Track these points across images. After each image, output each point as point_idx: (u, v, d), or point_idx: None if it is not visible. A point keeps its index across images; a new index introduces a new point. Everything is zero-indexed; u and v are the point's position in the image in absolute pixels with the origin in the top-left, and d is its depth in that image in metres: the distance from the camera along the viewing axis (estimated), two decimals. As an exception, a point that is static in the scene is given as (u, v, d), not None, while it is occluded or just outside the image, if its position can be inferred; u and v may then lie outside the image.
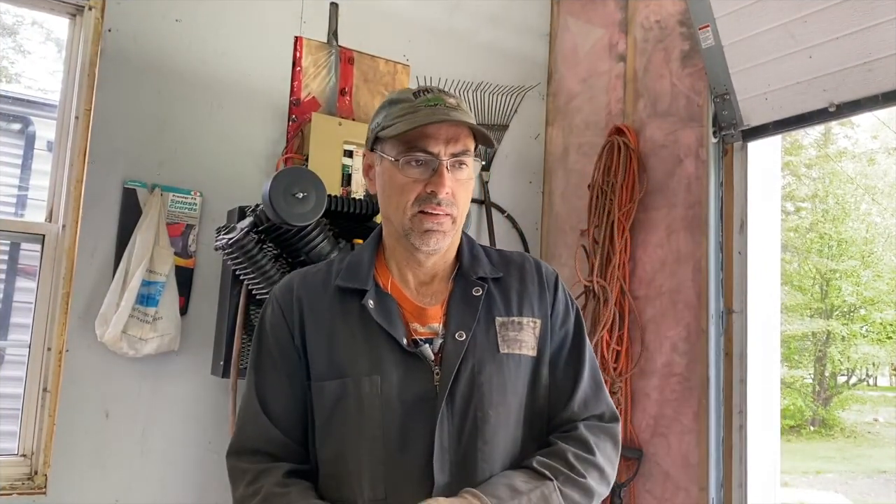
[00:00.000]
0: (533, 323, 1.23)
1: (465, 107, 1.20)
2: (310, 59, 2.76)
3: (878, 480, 10.46)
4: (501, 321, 1.22)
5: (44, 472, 2.23)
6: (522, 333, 1.22)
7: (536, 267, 1.30)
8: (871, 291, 13.31)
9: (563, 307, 1.29)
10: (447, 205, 1.16)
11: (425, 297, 1.23)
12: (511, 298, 1.25)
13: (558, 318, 1.28)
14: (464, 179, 1.19)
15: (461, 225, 1.23)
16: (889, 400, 15.16)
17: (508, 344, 1.20)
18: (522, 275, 1.28)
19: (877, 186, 13.76)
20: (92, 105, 2.35)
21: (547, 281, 1.29)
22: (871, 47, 2.12)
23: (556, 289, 1.29)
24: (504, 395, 1.18)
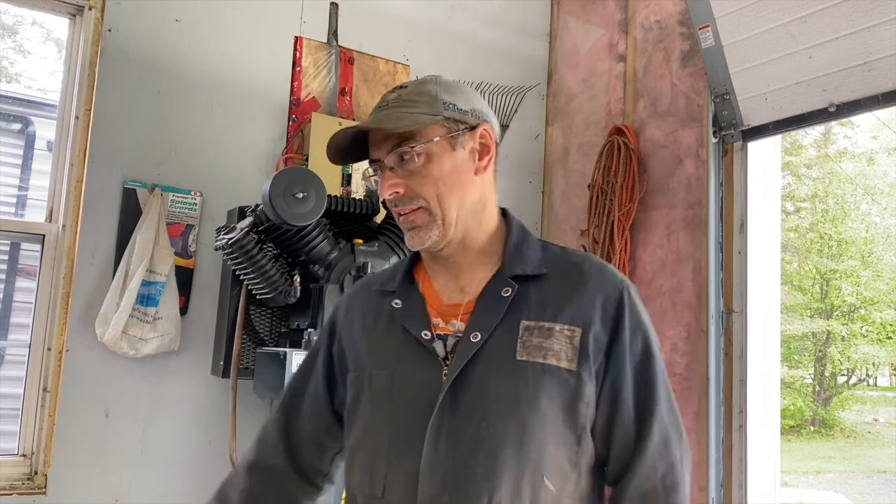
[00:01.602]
0: (570, 331, 1.08)
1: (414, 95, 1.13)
2: (310, 59, 2.76)
3: (877, 480, 10.46)
4: (527, 325, 1.09)
5: (44, 472, 2.23)
6: (551, 341, 1.07)
7: (598, 270, 1.14)
8: (871, 291, 13.32)
9: (630, 330, 1.10)
10: (405, 203, 1.12)
11: (452, 292, 1.17)
12: (548, 301, 1.11)
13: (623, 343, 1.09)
14: (415, 169, 1.10)
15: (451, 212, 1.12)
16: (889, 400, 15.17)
17: (529, 351, 1.07)
18: (575, 276, 1.13)
19: (877, 186, 13.76)
20: (92, 105, 2.35)
21: (607, 288, 1.11)
22: (871, 47, 2.12)
23: (621, 305, 1.11)
24: (516, 408, 1.05)
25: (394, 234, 2.32)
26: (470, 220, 1.15)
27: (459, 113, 1.14)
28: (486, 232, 1.17)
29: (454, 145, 1.13)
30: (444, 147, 1.12)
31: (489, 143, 1.15)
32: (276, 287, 2.13)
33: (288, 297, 2.14)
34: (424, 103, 1.12)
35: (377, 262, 2.22)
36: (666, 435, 1.09)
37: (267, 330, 2.35)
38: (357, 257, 2.21)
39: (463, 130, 1.14)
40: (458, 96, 1.15)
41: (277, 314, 2.37)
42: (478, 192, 1.16)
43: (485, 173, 1.16)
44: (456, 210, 1.13)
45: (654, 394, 1.09)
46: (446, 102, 1.13)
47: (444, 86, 1.16)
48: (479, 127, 1.15)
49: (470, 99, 1.17)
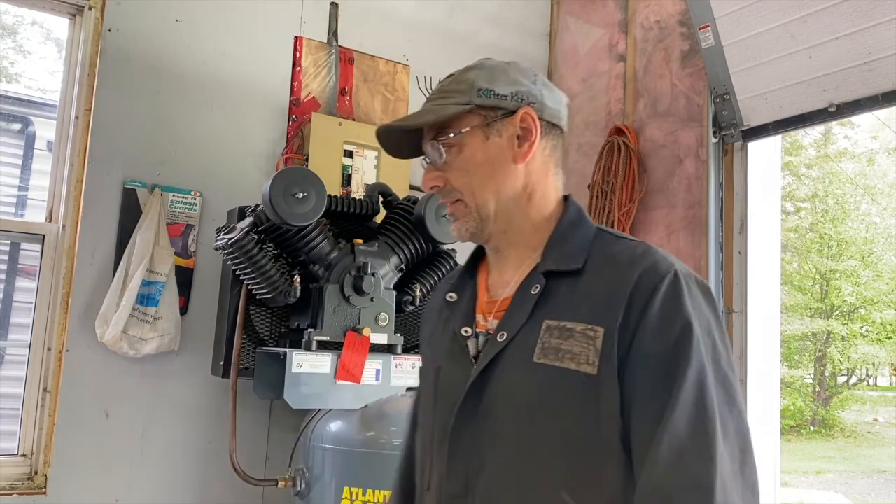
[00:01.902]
0: (592, 331, 0.96)
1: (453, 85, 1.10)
2: (310, 59, 2.76)
3: (878, 480, 10.46)
4: (549, 325, 1.00)
5: (44, 472, 2.23)
6: (571, 342, 0.97)
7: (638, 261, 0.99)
8: (871, 291, 13.33)
9: (659, 318, 0.94)
10: (444, 195, 1.10)
11: (497, 288, 1.11)
12: (575, 298, 1.01)
13: (646, 333, 0.94)
14: (452, 160, 1.08)
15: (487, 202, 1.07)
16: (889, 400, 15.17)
17: (546, 353, 0.99)
18: (611, 270, 1.00)
19: (877, 186, 13.77)
20: (92, 105, 2.35)
21: (641, 281, 0.96)
22: (871, 47, 2.12)
23: (654, 293, 0.95)
24: (529, 413, 0.99)
25: (394, 234, 2.32)
26: (513, 211, 1.08)
27: (496, 98, 1.07)
28: (535, 223, 1.09)
29: (488, 134, 1.07)
30: (475, 136, 1.07)
31: (531, 126, 1.07)
32: (276, 287, 2.13)
33: (288, 297, 2.14)
34: (460, 92, 1.08)
35: (377, 262, 2.22)
36: (680, 447, 0.89)
37: (267, 330, 2.35)
38: (357, 257, 2.21)
39: (500, 117, 1.07)
40: (498, 80, 1.09)
41: (277, 314, 2.37)
42: (519, 180, 1.08)
43: (528, 160, 1.08)
44: (493, 201, 1.07)
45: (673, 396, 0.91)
46: (482, 89, 1.07)
47: (486, 70, 1.10)
48: (520, 111, 1.07)
49: (515, 81, 1.09)
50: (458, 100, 1.08)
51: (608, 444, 0.94)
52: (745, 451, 0.92)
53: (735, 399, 0.94)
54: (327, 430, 2.10)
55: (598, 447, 0.95)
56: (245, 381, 2.30)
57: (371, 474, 1.98)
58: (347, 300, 2.15)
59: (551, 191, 1.11)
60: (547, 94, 1.10)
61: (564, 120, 1.12)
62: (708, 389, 0.92)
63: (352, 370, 2.07)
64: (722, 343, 0.97)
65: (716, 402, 0.91)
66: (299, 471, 2.15)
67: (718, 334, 0.97)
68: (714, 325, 0.97)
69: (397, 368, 2.16)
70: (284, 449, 2.49)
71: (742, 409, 0.95)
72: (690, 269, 1.02)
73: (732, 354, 0.99)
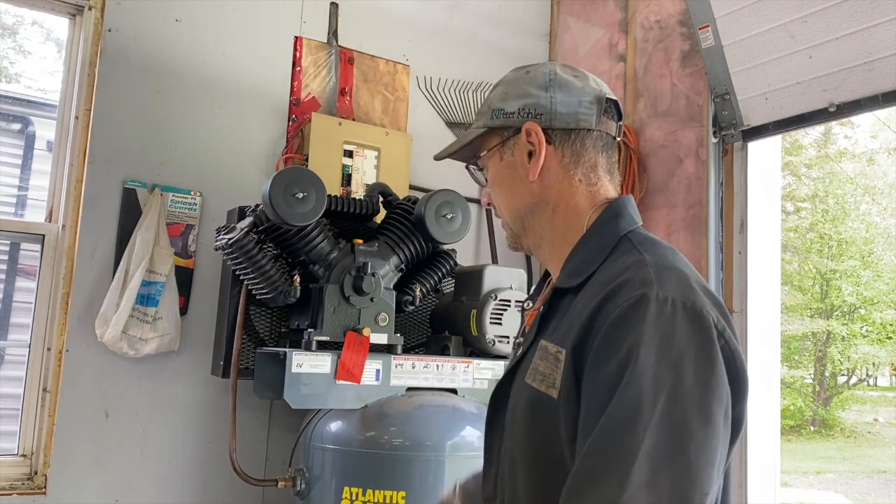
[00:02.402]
0: (560, 354, 0.92)
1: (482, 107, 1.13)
2: (310, 59, 2.76)
3: (878, 480, 10.46)
4: (541, 345, 0.98)
5: (44, 472, 2.23)
6: (545, 364, 0.95)
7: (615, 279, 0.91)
8: (871, 291, 13.33)
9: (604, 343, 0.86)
10: (496, 214, 1.16)
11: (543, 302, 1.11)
12: (562, 319, 0.98)
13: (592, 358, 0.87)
14: (491, 182, 1.13)
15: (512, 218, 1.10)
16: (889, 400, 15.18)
17: (532, 374, 0.97)
18: (594, 289, 0.95)
19: (877, 186, 13.77)
20: (92, 105, 2.35)
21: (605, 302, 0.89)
22: (871, 47, 2.12)
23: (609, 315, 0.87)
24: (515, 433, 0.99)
25: (394, 234, 2.32)
26: (540, 226, 1.07)
27: (504, 118, 1.07)
28: (566, 235, 1.05)
29: (502, 154, 1.09)
30: (492, 158, 1.10)
31: (535, 141, 1.04)
32: (276, 287, 2.13)
33: (288, 297, 2.14)
34: (482, 115, 1.12)
35: (377, 262, 2.22)
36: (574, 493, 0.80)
37: (267, 330, 2.35)
38: (357, 257, 2.21)
39: (510, 135, 1.07)
40: (510, 97, 1.07)
41: (277, 314, 2.37)
42: (535, 196, 1.06)
43: (544, 174, 1.05)
44: (516, 219, 1.10)
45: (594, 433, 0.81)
46: (495, 110, 1.08)
47: (503, 87, 1.10)
48: (523, 127, 1.05)
49: (525, 94, 1.06)
50: (477, 124, 1.12)
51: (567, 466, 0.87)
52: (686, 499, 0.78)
53: (686, 448, 0.79)
54: (327, 430, 2.10)
55: (559, 471, 0.89)
56: (245, 381, 2.30)
57: (371, 474, 1.98)
58: (347, 300, 2.15)
59: (580, 198, 1.05)
60: (560, 100, 1.05)
61: (591, 119, 1.05)
62: (635, 426, 0.79)
63: (352, 370, 2.07)
64: (699, 383, 0.82)
65: (647, 445, 0.78)
66: (299, 471, 2.15)
67: (695, 372, 0.82)
68: (689, 359, 0.83)
69: (397, 368, 2.16)
70: (284, 449, 2.49)
71: (694, 462, 0.79)
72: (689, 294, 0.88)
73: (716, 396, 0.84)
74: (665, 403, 0.80)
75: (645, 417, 0.79)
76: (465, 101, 3.11)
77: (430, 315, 2.57)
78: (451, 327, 2.40)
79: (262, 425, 2.57)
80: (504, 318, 2.29)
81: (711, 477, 0.81)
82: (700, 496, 0.79)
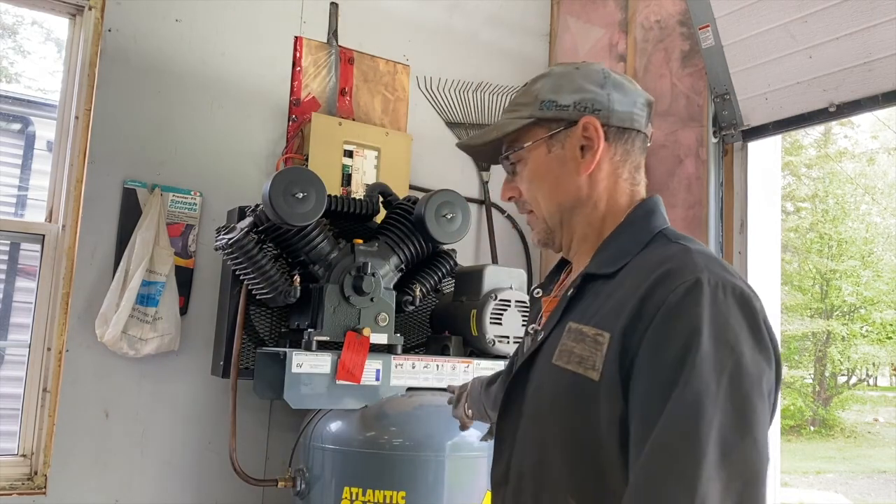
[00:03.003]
0: (601, 336, 0.93)
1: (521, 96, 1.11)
2: (310, 59, 2.76)
3: (878, 480, 10.46)
4: (570, 327, 0.99)
5: (44, 472, 2.23)
6: (581, 346, 0.95)
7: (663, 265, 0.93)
8: (871, 291, 13.33)
9: (664, 326, 0.87)
10: (520, 206, 1.15)
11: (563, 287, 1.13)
12: (597, 303, 0.98)
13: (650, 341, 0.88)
14: (521, 173, 1.11)
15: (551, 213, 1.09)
16: (889, 400, 15.18)
17: (562, 355, 0.98)
18: (636, 274, 0.96)
19: (877, 186, 13.77)
20: (92, 105, 2.35)
21: (655, 286, 0.90)
22: (871, 47, 2.12)
23: (665, 299, 0.88)
24: (543, 415, 0.99)
25: (394, 234, 2.32)
26: (579, 221, 1.08)
27: (557, 110, 1.06)
28: (600, 230, 1.08)
29: (550, 147, 1.07)
30: (539, 150, 1.08)
31: (594, 136, 1.05)
32: (276, 287, 2.13)
33: (288, 297, 2.14)
34: (525, 105, 1.09)
35: (377, 262, 2.22)
36: (658, 470, 0.81)
37: (267, 330, 2.35)
38: (357, 257, 2.21)
39: (563, 128, 1.06)
40: (563, 89, 1.07)
41: (277, 314, 2.37)
42: (583, 191, 1.06)
43: (595, 170, 1.06)
44: (557, 213, 1.09)
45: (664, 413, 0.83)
46: (545, 101, 1.07)
47: (552, 79, 1.09)
48: (581, 121, 1.05)
49: (580, 88, 1.06)
50: (522, 113, 1.09)
51: (609, 452, 0.90)
52: (749, 485, 0.81)
53: (750, 425, 0.83)
54: (327, 430, 2.10)
55: (600, 454, 0.91)
56: (245, 381, 2.30)
57: (371, 474, 1.98)
58: (347, 300, 2.15)
59: (622, 196, 1.09)
60: (616, 98, 1.07)
61: (641, 121, 1.10)
62: (704, 409, 0.81)
63: (352, 370, 2.07)
64: (755, 363, 0.86)
65: (716, 425, 0.81)
66: (299, 471, 2.15)
67: (751, 352, 0.86)
68: (745, 341, 0.86)
69: (397, 368, 2.16)
70: (284, 449, 2.49)
71: (759, 439, 0.83)
72: (733, 279, 0.92)
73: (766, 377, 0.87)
74: (727, 384, 0.83)
75: (711, 399, 0.82)
76: (465, 101, 3.11)
77: (430, 315, 2.57)
78: (451, 327, 2.40)
79: (262, 425, 2.57)
80: (504, 318, 2.29)
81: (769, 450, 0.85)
82: (766, 469, 0.83)
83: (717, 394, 0.82)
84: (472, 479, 2.03)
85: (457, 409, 1.64)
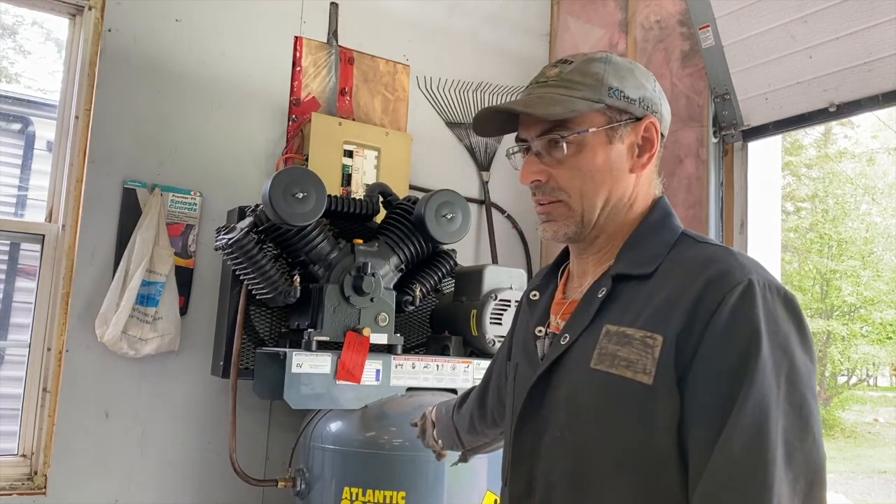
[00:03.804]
0: (651, 339, 0.90)
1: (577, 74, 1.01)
2: (310, 59, 2.76)
3: (878, 480, 10.46)
4: (608, 329, 0.96)
5: (44, 472, 2.23)
6: (628, 350, 0.92)
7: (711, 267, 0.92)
8: (871, 291, 13.32)
9: (724, 330, 0.87)
10: (544, 192, 1.02)
11: (573, 290, 1.08)
12: (638, 304, 0.95)
13: (710, 345, 0.87)
14: (564, 159, 1.00)
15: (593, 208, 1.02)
16: (889, 400, 15.17)
17: (604, 359, 0.94)
18: (679, 275, 0.94)
19: (877, 186, 13.76)
20: (92, 105, 2.35)
21: (708, 289, 0.89)
22: (871, 47, 2.12)
23: (722, 302, 0.88)
24: (583, 421, 0.95)
25: (394, 234, 2.32)
26: (613, 219, 1.04)
27: (625, 102, 1.00)
28: (624, 228, 1.05)
29: (612, 138, 1.01)
30: (600, 139, 1.00)
31: (654, 138, 1.03)
32: (275, 287, 2.13)
33: (288, 297, 2.14)
34: (587, 86, 1.00)
35: (377, 262, 2.22)
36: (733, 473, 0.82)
37: (267, 330, 2.35)
38: (357, 257, 2.21)
39: (626, 122, 1.01)
40: (628, 81, 1.02)
41: (277, 314, 2.37)
42: (628, 190, 1.04)
43: (643, 171, 1.04)
44: (600, 209, 1.02)
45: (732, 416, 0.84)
46: (612, 88, 1.00)
47: (614, 67, 1.02)
48: (645, 119, 1.02)
49: (642, 84, 1.03)
50: (586, 94, 0.99)
51: (664, 455, 0.89)
52: (814, 485, 0.85)
53: (810, 425, 0.85)
54: (327, 431, 2.10)
55: (654, 459, 0.89)
56: (245, 381, 2.30)
57: (371, 474, 1.98)
58: (347, 300, 2.15)
59: (649, 200, 1.07)
60: (665, 104, 1.07)
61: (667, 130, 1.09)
62: (770, 412, 0.83)
63: (352, 370, 2.07)
64: (805, 363, 0.87)
65: (780, 427, 0.83)
66: (299, 471, 2.15)
67: (801, 352, 0.88)
68: (795, 342, 0.88)
69: (397, 368, 2.16)
70: (284, 449, 2.49)
71: (818, 438, 0.86)
72: (775, 279, 0.93)
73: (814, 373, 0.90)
74: (785, 386, 0.85)
75: (774, 402, 0.84)
76: (465, 101, 3.11)
77: (430, 315, 2.57)
78: (451, 327, 2.40)
79: (262, 425, 2.57)
80: (504, 318, 2.29)
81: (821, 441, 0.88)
82: (825, 466, 0.87)
83: (778, 396, 0.84)
84: (471, 480, 2.03)
85: (425, 440, 1.60)
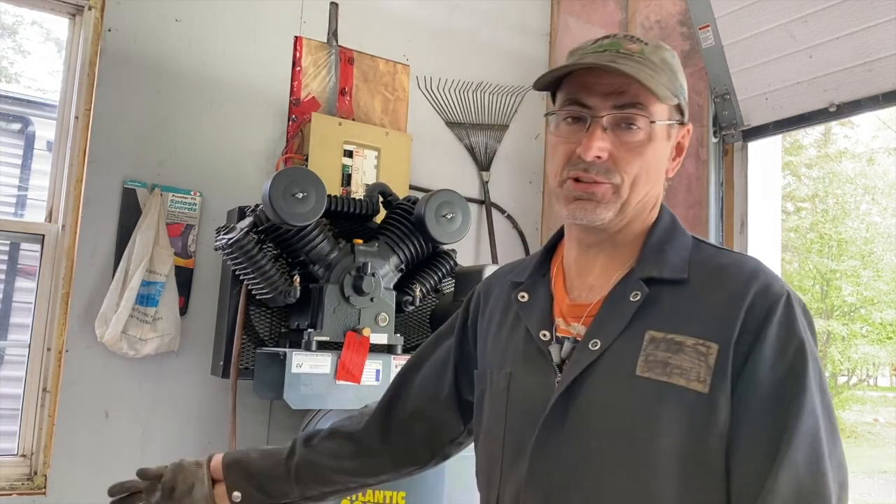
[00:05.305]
0: (704, 347, 0.90)
1: (657, 58, 0.96)
2: (310, 59, 2.76)
3: (878, 480, 10.46)
4: (653, 336, 0.93)
5: (44, 472, 2.23)
6: (680, 357, 0.90)
7: (748, 275, 0.94)
8: (871, 291, 13.32)
9: (776, 342, 0.89)
10: (600, 172, 0.95)
11: (581, 290, 1.03)
12: (682, 310, 0.94)
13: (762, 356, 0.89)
14: (633, 143, 0.94)
15: (635, 200, 0.98)
16: (889, 400, 15.16)
17: (652, 366, 0.91)
18: (719, 282, 0.94)
19: (877, 186, 13.76)
20: (92, 105, 2.35)
21: (756, 300, 0.91)
22: (871, 47, 2.12)
23: (769, 315, 0.90)
24: (631, 430, 0.91)
25: (394, 234, 2.32)
26: (638, 215, 1.02)
27: (685, 103, 1.00)
28: (642, 228, 1.03)
29: (669, 135, 1.00)
30: (664, 132, 0.98)
31: (685, 143, 1.04)
32: (275, 287, 2.13)
33: (288, 297, 2.14)
34: (667, 76, 0.96)
35: (377, 262, 2.22)
36: (799, 485, 0.84)
37: (267, 330, 2.35)
38: (357, 257, 2.21)
39: (678, 122, 1.01)
40: (684, 83, 1.01)
41: (277, 314, 2.37)
42: (659, 190, 1.03)
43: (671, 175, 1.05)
44: (638, 203, 0.99)
45: (790, 430, 0.86)
46: (681, 85, 0.99)
47: (678, 63, 1.00)
48: (687, 125, 1.03)
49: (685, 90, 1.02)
50: (667, 84, 0.96)
51: (715, 463, 0.89)
52: (843, 487, 0.88)
53: (836, 428, 0.90)
54: (327, 431, 2.10)
55: (705, 466, 0.89)
56: (245, 381, 2.30)
57: (371, 474, 1.98)
58: (347, 300, 2.15)
59: (660, 201, 1.06)
60: None
61: None
62: (819, 420, 0.87)
63: (352, 370, 2.07)
64: (821, 368, 0.92)
65: (823, 434, 0.87)
66: (299, 471, 2.15)
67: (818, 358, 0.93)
68: (815, 349, 0.91)
69: (397, 369, 2.15)
70: (284, 449, 2.49)
71: (840, 440, 0.90)
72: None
73: None
74: (820, 394, 0.89)
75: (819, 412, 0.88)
76: (465, 100, 3.11)
77: (430, 315, 2.57)
78: (451, 327, 2.39)
79: (262, 425, 2.57)
80: (504, 318, 2.29)
81: None
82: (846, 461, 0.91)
83: (821, 406, 0.89)
84: (472, 480, 2.02)
85: None
